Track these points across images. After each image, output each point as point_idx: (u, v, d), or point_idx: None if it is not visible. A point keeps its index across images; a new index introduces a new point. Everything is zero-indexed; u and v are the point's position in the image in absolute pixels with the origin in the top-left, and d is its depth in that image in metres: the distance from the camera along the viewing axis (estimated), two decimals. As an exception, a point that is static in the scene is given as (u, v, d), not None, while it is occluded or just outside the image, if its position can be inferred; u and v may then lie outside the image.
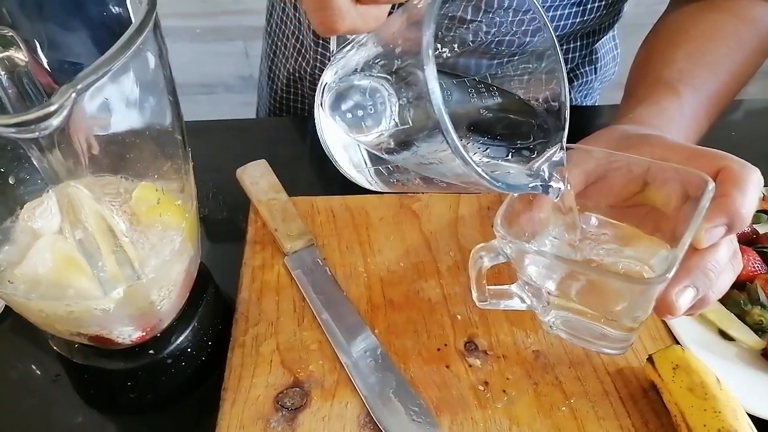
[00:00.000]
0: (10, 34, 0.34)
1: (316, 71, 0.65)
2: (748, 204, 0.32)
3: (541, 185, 0.31)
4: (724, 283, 0.34)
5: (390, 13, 0.29)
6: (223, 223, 0.53)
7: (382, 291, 0.45)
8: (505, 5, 0.35)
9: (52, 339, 0.39)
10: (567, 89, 0.33)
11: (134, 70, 0.27)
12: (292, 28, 0.67)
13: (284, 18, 0.68)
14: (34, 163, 0.29)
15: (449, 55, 0.38)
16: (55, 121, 0.23)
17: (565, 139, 0.33)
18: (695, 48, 0.48)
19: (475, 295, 0.39)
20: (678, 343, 0.40)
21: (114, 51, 0.26)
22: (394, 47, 0.26)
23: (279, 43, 0.71)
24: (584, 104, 0.73)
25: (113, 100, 0.27)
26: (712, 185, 0.33)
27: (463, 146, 0.24)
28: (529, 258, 0.36)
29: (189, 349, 0.40)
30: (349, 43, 0.32)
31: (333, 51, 0.33)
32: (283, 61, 0.71)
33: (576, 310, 0.37)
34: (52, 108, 0.23)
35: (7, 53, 0.34)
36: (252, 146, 0.62)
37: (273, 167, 0.54)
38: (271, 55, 0.73)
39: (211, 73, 1.73)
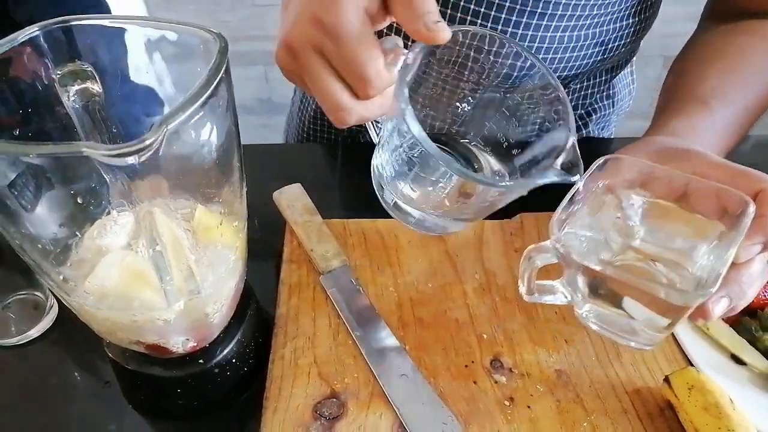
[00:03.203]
0: (90, 68, 0.38)
1: None
2: None
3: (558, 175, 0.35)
4: (753, 293, 0.36)
5: None
6: (260, 242, 0.56)
7: (412, 310, 0.48)
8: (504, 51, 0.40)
9: (108, 347, 0.42)
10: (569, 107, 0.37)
11: (210, 105, 0.31)
12: None
13: None
14: (117, 186, 0.33)
15: (469, 108, 0.43)
16: (149, 153, 0.27)
17: (573, 127, 0.37)
18: (728, 65, 0.51)
19: (523, 289, 0.40)
20: (692, 365, 0.43)
21: (197, 90, 0.29)
22: (394, 117, 0.34)
23: None
24: (602, 136, 0.76)
25: (193, 132, 0.30)
26: (752, 207, 0.35)
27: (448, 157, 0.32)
28: (577, 260, 0.37)
29: (234, 360, 0.42)
30: (379, 126, 0.37)
31: (375, 139, 0.40)
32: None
33: (614, 305, 0.38)
34: (148, 142, 0.26)
35: (84, 85, 0.38)
36: (283, 170, 0.65)
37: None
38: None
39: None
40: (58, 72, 0.37)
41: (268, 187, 0.59)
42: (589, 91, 0.66)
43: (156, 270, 0.33)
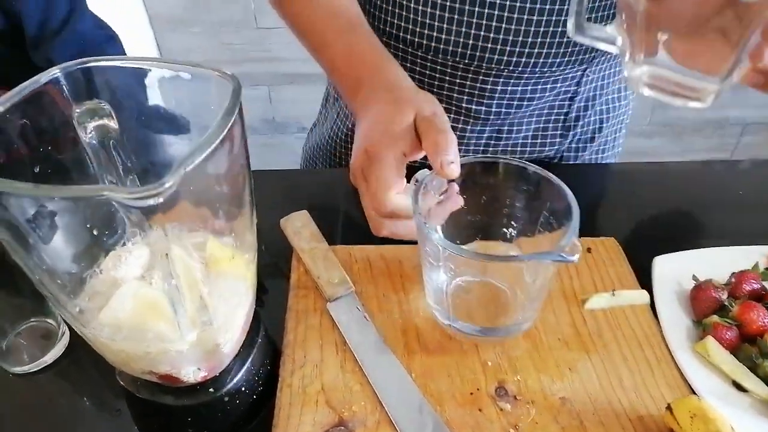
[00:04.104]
0: (106, 106, 0.39)
1: None
2: None
3: None
4: None
5: None
6: (267, 268, 0.57)
7: (417, 337, 0.48)
8: None
9: (120, 375, 0.43)
10: None
11: (225, 145, 0.32)
12: None
13: None
14: (132, 220, 0.34)
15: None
16: (168, 194, 0.28)
17: None
18: None
19: (570, 23, 0.37)
20: (694, 393, 0.43)
21: (212, 131, 0.31)
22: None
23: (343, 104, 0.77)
24: (611, 148, 0.77)
25: (208, 171, 0.32)
26: None
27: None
28: None
29: (243, 388, 0.43)
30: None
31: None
32: (344, 120, 0.77)
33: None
34: (167, 185, 0.28)
35: (101, 122, 0.40)
36: (288, 196, 0.67)
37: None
38: (334, 116, 0.80)
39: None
40: (77, 110, 0.38)
41: (275, 213, 0.60)
42: (603, 81, 0.68)
43: (170, 303, 0.34)
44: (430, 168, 0.48)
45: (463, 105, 0.67)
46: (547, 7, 0.57)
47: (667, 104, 0.41)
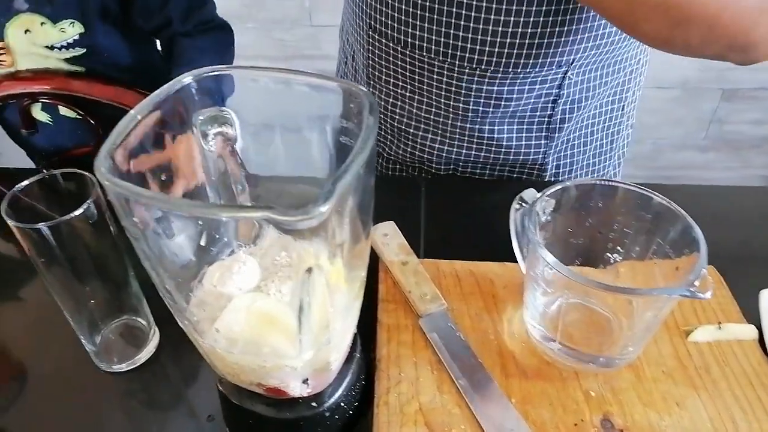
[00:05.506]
0: (228, 113, 0.39)
1: None
2: None
3: None
4: None
5: None
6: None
7: (515, 361, 0.47)
8: None
9: (221, 383, 0.42)
10: None
11: (368, 162, 0.31)
12: (350, 77, 0.78)
13: (345, 70, 0.79)
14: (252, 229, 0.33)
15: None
16: (325, 215, 0.27)
17: None
18: None
19: None
20: (814, 439, 0.41)
21: (358, 149, 0.30)
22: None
23: None
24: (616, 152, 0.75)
25: (350, 190, 0.31)
26: None
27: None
28: None
29: (342, 404, 0.42)
30: None
31: None
32: None
33: None
34: (323, 209, 0.27)
35: (222, 129, 0.39)
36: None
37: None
38: None
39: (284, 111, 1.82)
40: (200, 117, 0.38)
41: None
42: (591, 84, 0.66)
43: (299, 321, 0.33)
44: (539, 189, 0.47)
45: (442, 101, 0.68)
46: (515, 8, 0.57)
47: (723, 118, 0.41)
